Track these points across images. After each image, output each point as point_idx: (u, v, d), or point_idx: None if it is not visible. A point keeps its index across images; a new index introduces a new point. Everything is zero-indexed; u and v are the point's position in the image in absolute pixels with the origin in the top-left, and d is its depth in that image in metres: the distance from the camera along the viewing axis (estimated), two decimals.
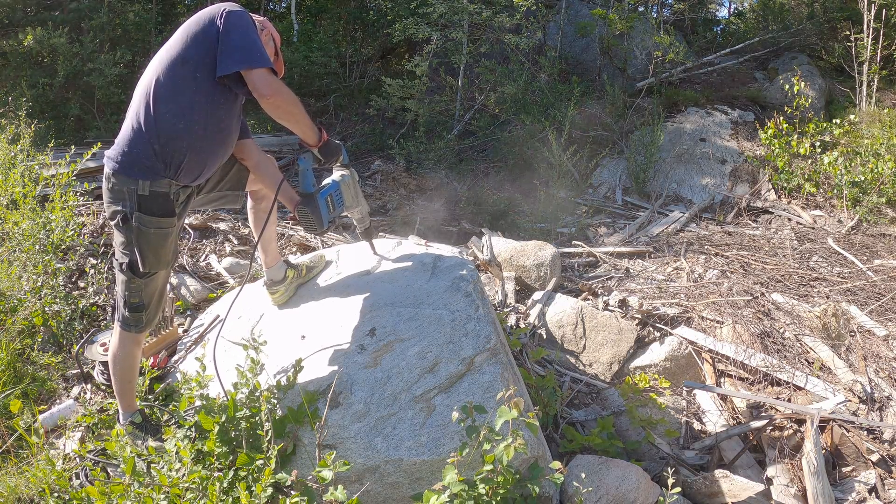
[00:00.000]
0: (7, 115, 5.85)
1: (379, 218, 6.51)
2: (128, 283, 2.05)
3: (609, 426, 2.66)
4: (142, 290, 2.06)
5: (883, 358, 3.45)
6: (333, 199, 2.30)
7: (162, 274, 2.10)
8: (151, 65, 1.99)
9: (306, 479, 1.86)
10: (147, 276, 2.04)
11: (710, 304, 3.93)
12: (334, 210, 2.30)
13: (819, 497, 2.40)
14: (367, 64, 10.86)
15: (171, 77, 1.91)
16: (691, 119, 8.40)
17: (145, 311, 2.11)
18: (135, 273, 2.02)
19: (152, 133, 1.90)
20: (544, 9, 9.62)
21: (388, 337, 2.20)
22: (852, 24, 9.04)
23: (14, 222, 3.47)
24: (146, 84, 1.95)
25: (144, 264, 1.99)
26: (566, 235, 6.22)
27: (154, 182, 1.92)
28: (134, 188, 1.91)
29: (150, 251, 1.98)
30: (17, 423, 2.18)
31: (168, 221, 1.98)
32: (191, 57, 1.92)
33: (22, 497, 1.98)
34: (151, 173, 1.92)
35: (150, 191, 1.92)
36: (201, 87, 1.93)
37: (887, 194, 6.23)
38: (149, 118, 1.91)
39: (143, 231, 1.95)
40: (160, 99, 1.91)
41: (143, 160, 1.91)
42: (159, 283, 2.11)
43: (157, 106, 1.91)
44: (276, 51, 2.22)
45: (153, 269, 2.02)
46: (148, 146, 1.91)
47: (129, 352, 2.17)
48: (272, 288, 2.60)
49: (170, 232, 2.00)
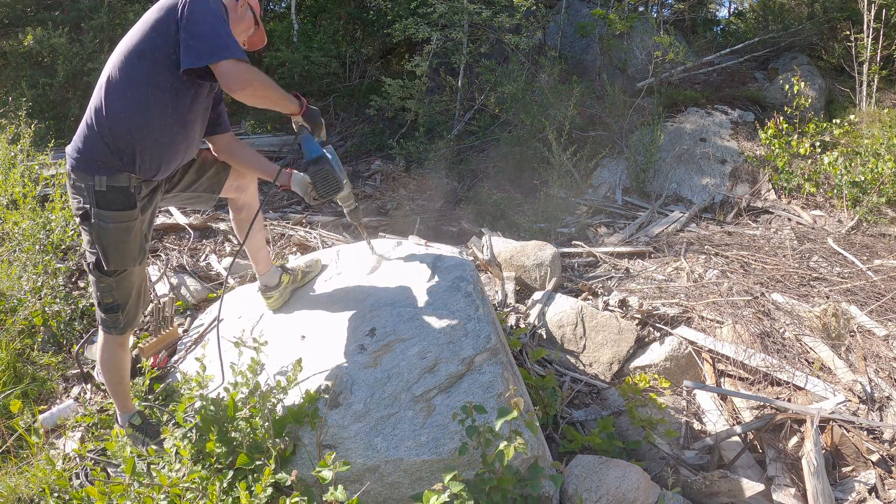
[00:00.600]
0: (7, 115, 5.86)
1: (379, 218, 6.51)
2: (97, 283, 2.00)
3: (609, 426, 2.66)
4: (113, 289, 2.00)
5: (883, 358, 3.45)
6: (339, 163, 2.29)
7: (135, 271, 2.04)
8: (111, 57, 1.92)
9: (306, 479, 1.85)
10: (116, 274, 1.98)
11: (710, 304, 3.93)
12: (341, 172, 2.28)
13: (819, 497, 2.40)
14: (367, 64, 10.86)
15: (126, 70, 1.84)
16: (691, 119, 8.40)
17: (122, 311, 2.04)
18: (101, 272, 1.97)
19: (104, 129, 1.85)
20: (544, 9, 9.61)
21: (388, 337, 2.20)
22: (852, 24, 9.04)
23: (14, 222, 3.47)
24: (102, 76, 1.89)
25: (108, 262, 1.94)
26: (566, 235, 6.22)
27: (111, 177, 1.86)
28: (91, 184, 1.86)
29: (112, 247, 1.92)
30: (17, 423, 2.18)
31: (128, 215, 1.91)
32: (148, 49, 1.83)
33: (22, 497, 1.98)
34: (107, 168, 1.86)
35: (108, 186, 1.86)
36: (159, 80, 1.84)
37: (887, 194, 6.23)
38: (100, 114, 1.85)
39: (103, 227, 1.89)
40: (114, 93, 1.84)
41: (96, 156, 1.86)
42: (133, 281, 2.05)
43: (109, 101, 1.84)
44: (255, 20, 2.13)
45: (118, 266, 1.96)
46: (100, 142, 1.85)
47: (113, 354, 2.13)
48: (267, 293, 2.58)
49: (131, 226, 1.94)
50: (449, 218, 6.79)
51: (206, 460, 1.89)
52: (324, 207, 5.99)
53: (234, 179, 2.35)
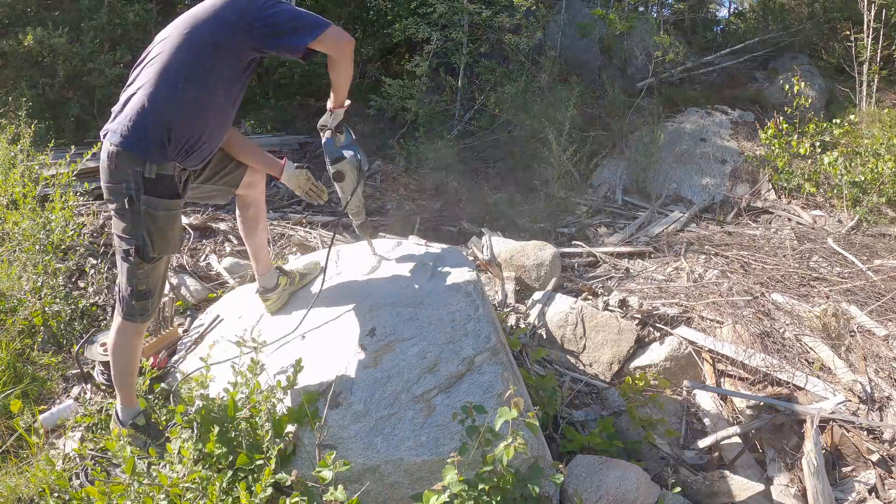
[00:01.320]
0: (7, 115, 5.85)
1: (379, 218, 6.51)
2: (135, 270, 1.98)
3: (609, 426, 2.66)
4: (149, 275, 2.01)
5: (883, 358, 3.45)
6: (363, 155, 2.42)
7: (165, 259, 2.08)
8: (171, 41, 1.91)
9: (306, 479, 1.85)
10: (155, 260, 2.00)
11: (710, 304, 3.93)
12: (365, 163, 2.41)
13: (819, 497, 2.40)
14: (367, 64, 10.85)
15: (200, 59, 1.87)
16: (691, 119, 8.40)
17: (151, 298, 2.07)
18: (143, 258, 1.95)
19: (174, 115, 1.84)
20: (544, 9, 9.61)
21: (388, 337, 2.20)
22: (852, 24, 9.04)
23: (14, 222, 3.47)
24: (166, 61, 1.87)
25: (154, 248, 1.94)
26: (566, 235, 6.22)
27: (161, 165, 1.86)
28: (140, 170, 1.84)
29: (158, 234, 1.93)
30: (17, 423, 2.18)
31: (176, 203, 1.95)
32: (222, 42, 1.89)
33: (22, 497, 1.98)
34: (159, 156, 1.85)
35: (157, 174, 1.86)
36: (226, 71, 1.92)
37: (887, 194, 6.23)
38: (172, 101, 1.84)
39: (153, 214, 1.89)
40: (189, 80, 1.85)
41: (154, 141, 1.83)
42: (163, 268, 2.09)
43: (185, 87, 1.85)
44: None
45: (163, 252, 1.99)
46: (162, 128, 1.83)
47: (130, 342, 2.13)
48: (264, 295, 2.58)
49: (177, 214, 1.99)
50: (449, 218, 6.78)
51: (206, 460, 1.89)
52: (324, 207, 5.99)
53: (248, 175, 2.36)
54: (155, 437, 2.16)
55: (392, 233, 5.17)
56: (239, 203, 2.48)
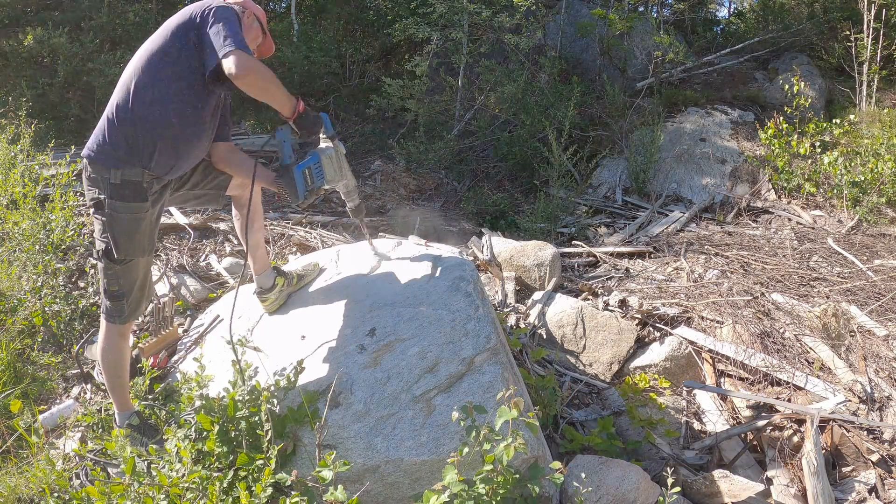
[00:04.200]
0: (7, 115, 5.85)
1: (379, 218, 6.51)
2: (105, 270, 2.10)
3: (609, 426, 2.66)
4: (119, 276, 2.10)
5: (883, 358, 3.44)
6: (312, 172, 2.23)
7: (141, 262, 2.14)
8: (134, 58, 2.06)
9: (306, 479, 1.85)
10: (123, 262, 2.08)
11: (710, 304, 3.93)
12: (313, 182, 2.23)
13: (819, 497, 2.40)
14: (367, 64, 10.86)
15: (149, 69, 1.99)
16: (691, 119, 8.40)
17: (126, 299, 2.14)
18: (110, 259, 2.06)
19: (127, 125, 1.97)
20: (544, 9, 9.61)
21: (388, 337, 2.19)
22: (852, 24, 9.04)
23: (14, 222, 3.47)
24: (127, 76, 2.02)
25: (118, 250, 2.04)
26: (566, 235, 6.21)
27: (126, 171, 1.98)
28: (107, 176, 1.98)
29: (122, 236, 2.03)
30: (17, 423, 2.18)
31: (139, 207, 2.03)
32: (172, 51, 2.00)
33: (22, 497, 1.98)
34: (123, 163, 1.98)
35: (122, 179, 1.98)
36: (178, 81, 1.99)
37: (887, 194, 6.23)
38: (125, 111, 1.98)
39: (116, 217, 2.01)
40: (138, 89, 1.98)
41: (115, 151, 1.98)
42: (139, 271, 2.14)
43: (136, 100, 1.97)
44: (263, 30, 2.26)
45: (127, 254, 2.07)
46: (121, 138, 1.98)
47: (114, 345, 2.19)
48: (262, 296, 2.60)
49: (142, 218, 2.05)
50: (449, 218, 6.78)
51: (206, 460, 1.89)
52: (324, 207, 5.99)
53: (238, 177, 2.41)
54: (150, 436, 2.16)
55: (392, 233, 5.17)
56: (234, 203, 2.52)
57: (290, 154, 2.23)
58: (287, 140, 2.23)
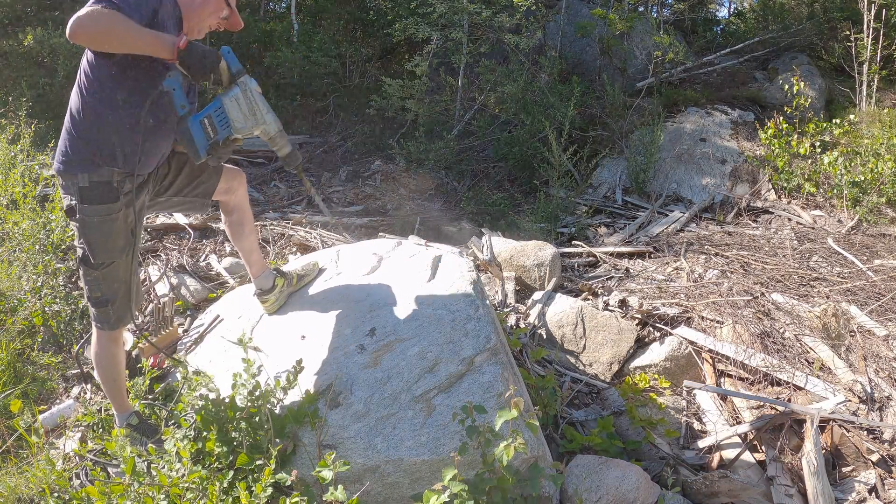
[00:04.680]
0: (7, 115, 5.86)
1: (379, 218, 6.51)
2: (85, 277, 2.05)
3: (609, 426, 2.66)
4: (101, 282, 2.04)
5: (883, 358, 3.45)
6: (214, 121, 1.92)
7: (121, 266, 2.06)
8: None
9: (306, 479, 1.86)
10: (102, 267, 2.01)
11: (710, 304, 3.93)
12: (216, 133, 1.92)
13: (819, 497, 2.40)
14: (367, 64, 10.86)
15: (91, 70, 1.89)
16: (691, 119, 8.40)
17: (111, 305, 2.07)
18: (87, 265, 2.01)
19: (80, 127, 1.91)
20: (544, 9, 9.61)
21: (388, 337, 2.20)
22: (852, 24, 9.04)
23: (14, 222, 3.47)
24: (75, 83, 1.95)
25: (94, 254, 1.98)
26: (566, 235, 6.22)
27: (93, 173, 1.91)
28: (76, 181, 1.92)
29: (96, 240, 1.97)
30: (17, 423, 2.18)
31: (110, 208, 1.95)
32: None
33: (22, 497, 1.98)
34: (88, 165, 1.91)
35: (91, 181, 1.92)
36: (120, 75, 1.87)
37: (887, 194, 6.23)
38: (75, 115, 1.92)
39: (88, 221, 1.95)
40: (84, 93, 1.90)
41: (77, 155, 1.91)
42: (121, 275, 2.07)
43: (81, 101, 1.90)
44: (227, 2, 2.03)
45: (104, 258, 2.00)
46: (78, 141, 1.91)
47: (107, 350, 2.16)
48: (262, 297, 2.57)
49: (114, 219, 1.97)
50: (449, 218, 6.79)
51: (206, 460, 1.89)
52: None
53: (224, 182, 2.35)
54: (150, 435, 2.16)
55: (392, 233, 5.17)
56: (222, 209, 2.46)
57: (184, 103, 1.91)
58: (178, 86, 1.89)
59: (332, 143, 9.33)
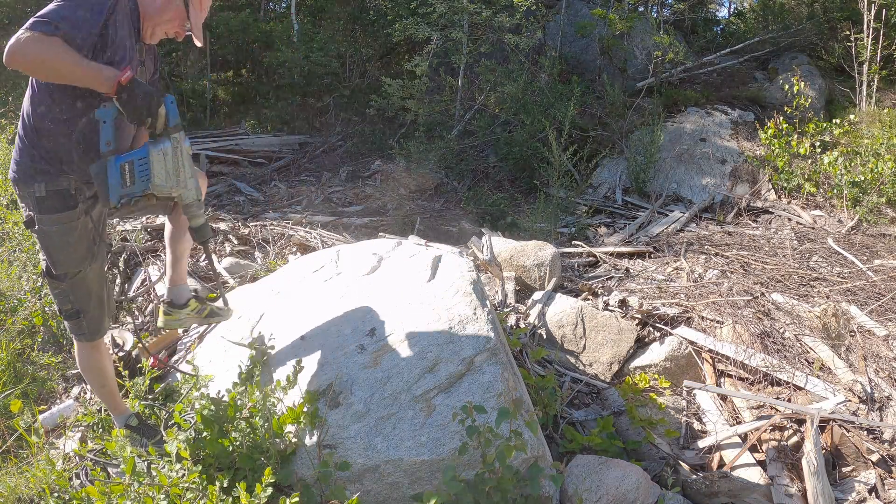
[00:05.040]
0: (7, 115, 5.85)
1: (379, 218, 6.51)
2: (52, 290, 1.99)
3: (609, 426, 2.66)
4: (69, 294, 1.97)
5: (883, 358, 3.45)
6: (135, 169, 1.79)
7: (89, 276, 1.99)
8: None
9: (306, 479, 1.85)
10: (68, 278, 1.95)
11: (710, 304, 3.93)
12: (133, 184, 1.79)
13: (819, 497, 2.40)
14: (367, 64, 10.87)
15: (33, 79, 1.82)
16: (691, 119, 8.40)
17: (83, 316, 2.01)
18: (52, 276, 1.95)
19: (31, 137, 1.84)
20: (544, 9, 9.62)
21: (388, 337, 2.20)
22: (852, 24, 9.04)
23: (14, 222, 3.47)
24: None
25: (56, 265, 1.92)
26: (566, 235, 6.22)
27: (50, 182, 1.84)
28: (32, 191, 1.85)
29: (57, 250, 1.90)
30: (17, 423, 2.18)
31: (69, 216, 1.88)
32: None
33: (22, 497, 1.98)
34: (44, 174, 1.84)
35: (48, 191, 1.84)
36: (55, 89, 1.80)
37: (887, 194, 6.23)
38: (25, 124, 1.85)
39: (46, 231, 1.88)
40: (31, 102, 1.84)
41: (32, 165, 1.84)
42: (90, 285, 2.00)
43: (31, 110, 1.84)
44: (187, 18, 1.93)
45: (67, 268, 1.93)
46: (31, 150, 1.84)
47: (89, 360, 2.12)
48: (168, 309, 2.36)
49: (74, 226, 1.89)
50: (449, 218, 6.79)
51: (206, 460, 1.89)
52: (324, 208, 6.00)
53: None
54: (150, 436, 2.16)
55: (392, 233, 5.17)
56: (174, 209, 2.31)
57: (109, 139, 1.78)
58: (109, 119, 1.77)
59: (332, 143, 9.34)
